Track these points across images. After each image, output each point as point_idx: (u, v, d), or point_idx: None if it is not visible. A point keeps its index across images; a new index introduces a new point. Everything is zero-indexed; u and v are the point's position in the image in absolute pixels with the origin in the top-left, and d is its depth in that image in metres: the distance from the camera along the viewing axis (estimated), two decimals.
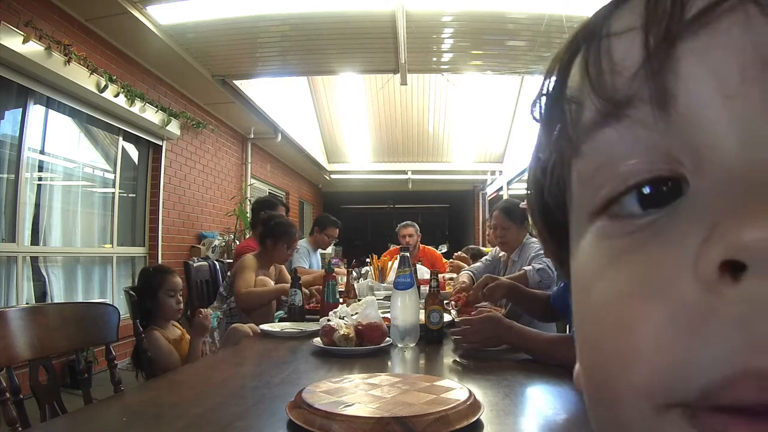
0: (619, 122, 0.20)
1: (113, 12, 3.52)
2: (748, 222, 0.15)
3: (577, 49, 0.23)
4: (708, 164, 0.18)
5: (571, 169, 0.23)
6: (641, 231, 0.19)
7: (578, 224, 0.23)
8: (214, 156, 6.06)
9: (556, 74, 0.24)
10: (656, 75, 0.19)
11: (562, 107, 0.23)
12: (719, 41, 0.18)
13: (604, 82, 0.20)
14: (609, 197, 0.20)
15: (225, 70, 4.86)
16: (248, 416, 0.92)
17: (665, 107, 0.19)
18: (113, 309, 1.52)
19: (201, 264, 3.07)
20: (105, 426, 0.93)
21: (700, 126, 0.18)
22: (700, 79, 0.18)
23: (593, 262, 0.21)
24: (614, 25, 0.21)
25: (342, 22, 3.97)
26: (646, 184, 0.20)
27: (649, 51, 0.19)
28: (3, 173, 3.29)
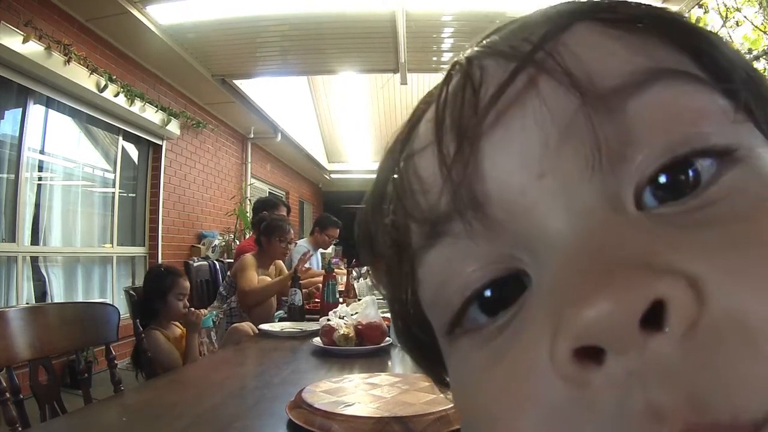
0: (443, 239, 0.19)
1: (113, 12, 3.52)
2: (586, 303, 0.14)
3: (386, 180, 0.22)
4: (541, 252, 0.17)
5: (418, 296, 0.22)
6: (496, 338, 0.18)
7: (442, 344, 0.21)
8: (214, 156, 6.06)
9: (373, 204, 0.23)
10: (463, 183, 0.18)
11: (388, 241, 0.22)
12: (516, 125, 0.18)
13: (417, 204, 0.20)
14: (454, 313, 0.19)
15: (225, 70, 4.86)
16: (248, 416, 0.92)
17: (483, 210, 0.18)
18: (113, 309, 1.52)
19: (201, 264, 3.07)
20: (105, 426, 0.93)
21: (523, 215, 0.17)
22: (507, 169, 0.18)
23: (463, 381, 0.20)
24: (415, 144, 0.21)
25: (342, 22, 3.97)
26: (486, 289, 0.19)
27: (448, 162, 0.18)
28: (3, 173, 3.29)
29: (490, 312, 0.19)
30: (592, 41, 0.18)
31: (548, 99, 0.17)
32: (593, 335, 0.14)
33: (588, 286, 0.14)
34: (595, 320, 0.14)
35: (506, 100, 0.18)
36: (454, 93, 0.19)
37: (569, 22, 0.19)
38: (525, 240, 0.17)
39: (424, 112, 0.22)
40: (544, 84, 0.18)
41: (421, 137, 0.21)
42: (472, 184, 0.18)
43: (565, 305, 0.14)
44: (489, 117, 0.18)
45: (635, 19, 0.19)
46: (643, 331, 0.14)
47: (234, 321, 2.43)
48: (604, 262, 0.15)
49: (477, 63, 0.19)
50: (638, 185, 0.17)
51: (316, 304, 2.39)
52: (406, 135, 0.22)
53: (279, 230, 2.71)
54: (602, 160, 0.17)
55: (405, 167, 0.21)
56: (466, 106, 0.18)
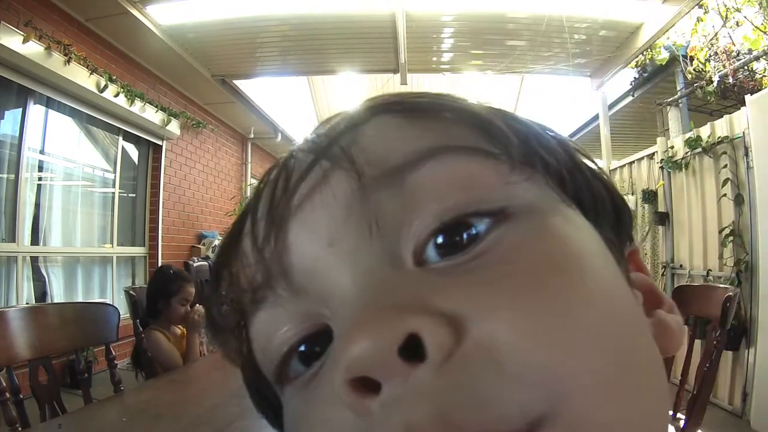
0: (263, 304, 0.23)
1: (113, 12, 3.52)
2: (350, 341, 0.16)
3: (220, 269, 0.25)
4: (336, 306, 0.20)
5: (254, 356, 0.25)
6: (308, 384, 0.21)
7: (281, 396, 0.24)
8: (214, 156, 6.06)
9: (211, 286, 0.26)
10: (272, 258, 0.22)
11: (223, 310, 0.25)
12: (311, 206, 0.21)
13: (241, 277, 0.23)
14: (276, 366, 0.23)
15: (225, 70, 4.86)
16: (248, 416, 0.92)
17: (290, 278, 0.21)
18: (113, 309, 1.52)
19: (201, 264, 3.07)
20: (105, 426, 0.93)
21: (318, 278, 0.21)
22: (304, 241, 0.21)
23: (288, 422, 0.23)
24: (235, 233, 0.25)
25: (342, 22, 3.97)
26: (301, 344, 0.22)
27: (259, 243, 0.22)
28: (3, 173, 3.29)
29: (307, 363, 0.22)
30: (385, 131, 0.22)
31: (334, 184, 0.21)
32: (359, 367, 0.16)
33: (354, 328, 0.17)
34: (358, 354, 0.16)
35: (306, 186, 0.22)
36: (273, 180, 0.24)
37: (369, 116, 0.23)
38: (323, 298, 0.20)
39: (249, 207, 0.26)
40: (332, 172, 0.21)
41: (239, 227, 0.25)
42: (280, 257, 0.22)
43: (341, 346, 0.17)
44: (293, 200, 0.22)
45: (436, 109, 0.23)
46: (405, 362, 0.16)
47: None
48: (373, 308, 0.17)
49: (294, 155, 0.24)
50: (416, 246, 0.20)
51: None
52: (241, 220, 0.25)
53: None
54: (379, 228, 0.20)
55: (229, 250, 0.24)
56: (279, 190, 0.22)
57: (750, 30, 4.06)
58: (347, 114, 0.24)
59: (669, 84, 4.92)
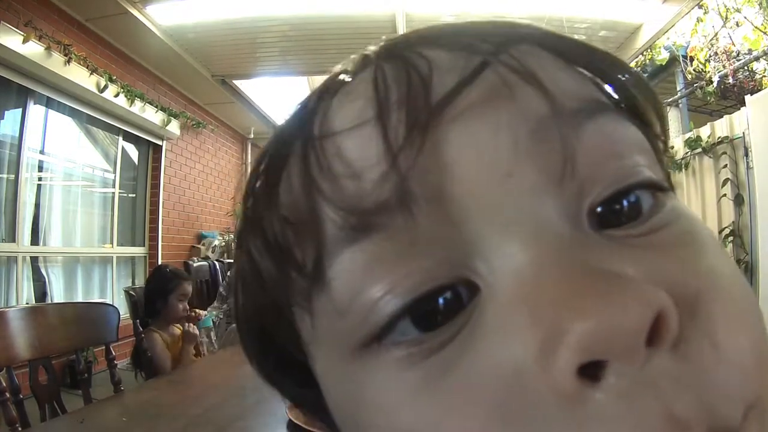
0: (372, 235, 0.16)
1: (113, 12, 3.52)
2: (590, 312, 0.13)
3: (286, 151, 0.19)
4: (503, 260, 0.15)
5: (312, 300, 0.18)
6: (437, 352, 0.15)
7: (335, 363, 0.18)
8: (214, 156, 6.06)
9: (265, 189, 0.19)
10: (412, 169, 0.16)
11: (283, 228, 0.18)
12: (486, 118, 0.16)
13: (341, 190, 0.16)
14: (379, 326, 0.16)
15: (225, 70, 4.86)
16: (248, 416, 0.92)
17: (432, 206, 0.16)
18: (113, 309, 1.52)
19: (201, 264, 3.07)
20: (105, 426, 0.93)
21: (483, 215, 0.16)
22: (472, 163, 0.16)
23: (381, 403, 0.16)
24: (336, 120, 0.18)
25: (342, 22, 3.97)
26: (424, 299, 0.16)
27: (396, 142, 0.16)
28: (3, 173, 3.29)
29: (424, 326, 0.16)
30: (544, 61, 0.18)
31: (520, 99, 0.16)
32: (602, 347, 0.13)
33: (590, 295, 0.13)
34: (605, 330, 0.13)
35: (472, 92, 0.16)
36: (395, 77, 0.17)
37: (521, 38, 0.19)
38: (479, 244, 0.16)
39: (335, 84, 0.19)
40: (515, 84, 0.16)
41: (347, 114, 0.17)
42: (424, 174, 0.16)
43: (562, 316, 0.13)
44: (450, 107, 0.16)
45: (582, 57, 0.19)
46: (647, 347, 0.13)
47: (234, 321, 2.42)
48: (598, 272, 0.14)
49: (417, 54, 0.18)
50: (591, 205, 0.16)
51: None
52: (311, 112, 0.19)
53: None
54: (567, 173, 0.16)
55: (321, 146, 0.17)
56: (415, 92, 0.16)
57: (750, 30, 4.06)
58: (485, 25, 0.20)
59: (669, 84, 4.92)
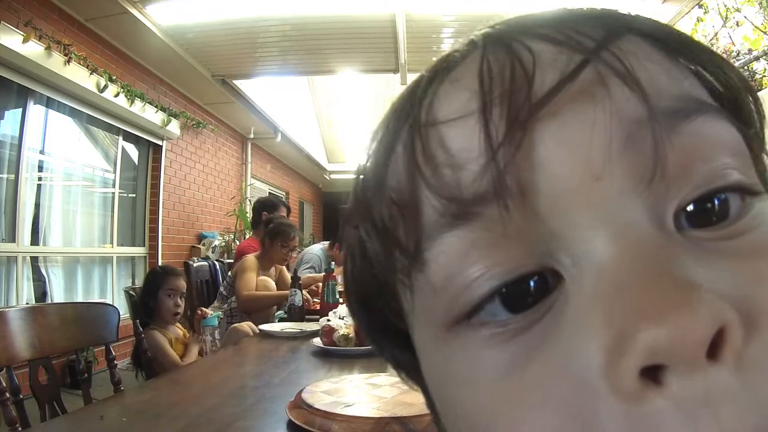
0: (470, 223, 0.17)
1: (113, 12, 3.52)
2: (658, 319, 0.13)
3: (395, 135, 0.20)
4: (587, 257, 0.16)
5: (412, 277, 0.19)
6: (521, 336, 0.17)
7: (430, 335, 0.19)
8: (214, 156, 6.06)
9: (374, 171, 0.21)
10: (510, 164, 0.17)
11: (389, 210, 0.19)
12: (581, 118, 0.17)
13: (442, 178, 0.18)
14: (471, 305, 0.17)
15: (225, 70, 4.86)
16: (248, 416, 0.92)
17: (525, 200, 0.17)
18: (113, 309, 1.52)
19: (201, 264, 3.07)
20: (105, 426, 0.93)
21: (570, 215, 0.16)
22: (565, 164, 0.17)
23: (469, 379, 0.18)
24: (443, 108, 0.19)
25: (342, 23, 3.97)
26: (511, 285, 0.17)
27: (496, 138, 0.17)
28: (3, 173, 3.29)
29: (513, 308, 0.17)
30: (644, 56, 0.18)
31: (617, 100, 0.17)
32: (666, 355, 0.13)
33: (661, 302, 0.14)
34: (671, 339, 0.13)
35: (571, 90, 0.17)
36: (500, 70, 0.18)
37: (623, 30, 0.18)
38: (566, 239, 0.16)
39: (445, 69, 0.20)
40: (613, 83, 0.17)
41: (453, 104, 0.18)
42: (519, 170, 0.17)
43: (632, 320, 0.14)
44: (549, 104, 0.17)
45: (684, 49, 0.19)
46: (708, 358, 0.14)
47: (234, 321, 2.43)
48: (672, 280, 0.14)
49: (522, 45, 0.18)
50: (678, 206, 0.17)
51: (315, 304, 2.39)
52: (421, 95, 0.20)
53: (282, 235, 2.69)
54: (657, 176, 0.16)
55: (427, 134, 0.18)
56: (518, 87, 0.17)
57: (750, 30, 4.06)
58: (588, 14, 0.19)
59: None
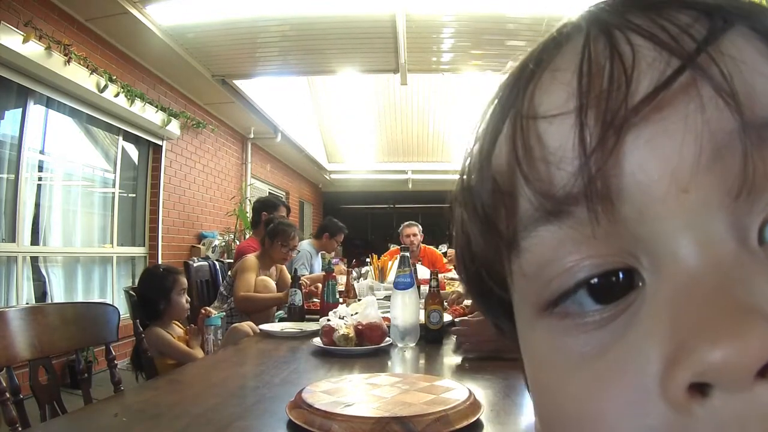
0: (561, 220, 0.18)
1: (113, 12, 3.52)
2: (713, 341, 0.14)
3: (500, 123, 0.21)
4: (666, 266, 0.17)
5: (510, 261, 0.20)
6: (598, 330, 0.18)
7: (525, 315, 0.21)
8: (214, 156, 6.06)
9: (478, 156, 0.21)
10: (601, 170, 0.17)
11: (490, 197, 0.20)
12: (672, 128, 0.17)
13: (539, 174, 0.18)
14: (558, 294, 0.19)
15: (225, 70, 4.86)
16: (248, 416, 0.92)
17: (613, 205, 0.17)
18: (113, 309, 1.52)
19: (201, 264, 3.07)
20: (105, 426, 0.93)
21: (655, 225, 0.17)
22: (653, 173, 0.17)
23: (551, 362, 0.19)
24: (543, 103, 0.19)
25: (342, 23, 3.97)
26: (598, 277, 0.18)
27: (590, 142, 0.17)
28: (3, 173, 3.29)
29: (598, 299, 0.18)
30: (747, 54, 0.17)
31: (709, 112, 0.16)
32: (714, 375, 0.14)
33: (720, 325, 0.14)
34: (721, 363, 0.14)
35: (665, 97, 0.17)
36: (598, 66, 0.18)
37: (730, 22, 0.18)
38: (649, 246, 0.17)
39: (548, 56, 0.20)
40: (706, 93, 0.16)
41: (552, 99, 0.19)
42: (609, 176, 0.17)
43: (692, 336, 0.15)
44: (644, 108, 0.17)
45: None
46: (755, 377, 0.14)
47: (234, 321, 2.43)
48: (735, 303, 0.15)
49: (624, 37, 0.18)
50: (764, 221, 0.16)
51: (316, 304, 2.39)
52: (527, 80, 0.20)
53: (282, 235, 2.70)
54: (745, 190, 0.16)
55: (527, 126, 0.19)
56: (615, 88, 0.17)
57: None
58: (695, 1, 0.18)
59: None
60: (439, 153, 10.08)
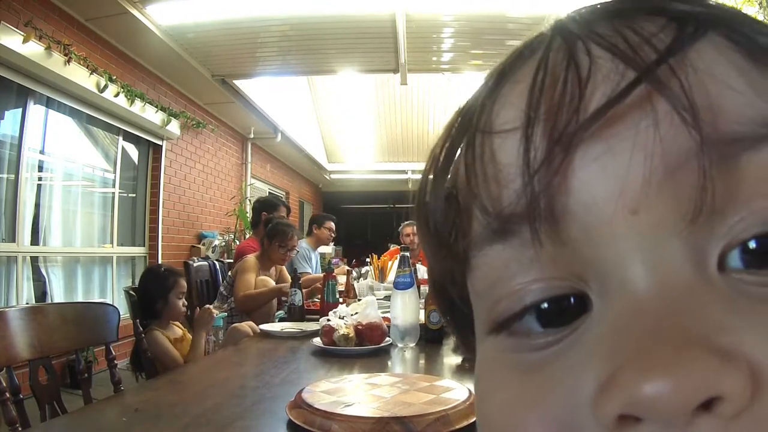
0: (507, 240, 0.18)
1: (113, 12, 3.52)
2: (644, 373, 0.13)
3: (459, 138, 0.20)
4: (613, 291, 0.16)
5: (465, 277, 0.20)
6: (541, 350, 0.17)
7: (478, 331, 0.21)
8: (214, 156, 6.06)
9: (434, 172, 0.21)
10: (546, 189, 0.16)
11: (442, 215, 0.20)
12: (621, 145, 0.16)
13: (488, 191, 0.18)
14: (505, 316, 0.18)
15: (225, 70, 4.86)
16: (248, 416, 0.92)
17: (559, 226, 0.16)
18: (113, 309, 1.52)
19: (201, 264, 3.07)
20: (105, 426, 0.93)
21: (602, 248, 0.16)
22: (600, 193, 0.16)
23: (490, 376, 0.19)
24: (496, 118, 0.18)
25: (342, 22, 3.97)
26: (546, 302, 0.18)
27: (534, 159, 0.16)
28: (3, 173, 3.29)
29: (543, 324, 0.18)
30: (717, 66, 0.16)
31: (663, 129, 0.15)
32: (642, 410, 0.13)
33: (656, 355, 0.13)
34: (650, 398, 0.13)
35: (615, 113, 0.16)
36: (553, 77, 0.17)
37: (701, 31, 0.16)
38: (597, 269, 0.16)
39: (511, 68, 0.19)
40: (662, 108, 0.15)
41: (507, 113, 0.18)
42: (554, 195, 0.16)
43: (626, 364, 0.14)
44: (594, 124, 0.16)
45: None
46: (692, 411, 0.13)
47: (234, 321, 2.43)
48: (679, 332, 0.14)
49: (584, 48, 0.17)
50: (726, 245, 0.15)
51: (317, 303, 2.39)
52: (488, 94, 0.19)
53: (280, 235, 2.70)
54: (704, 212, 0.15)
55: (481, 142, 0.18)
56: (566, 103, 0.16)
57: None
58: (666, 5, 0.17)
59: None
60: None
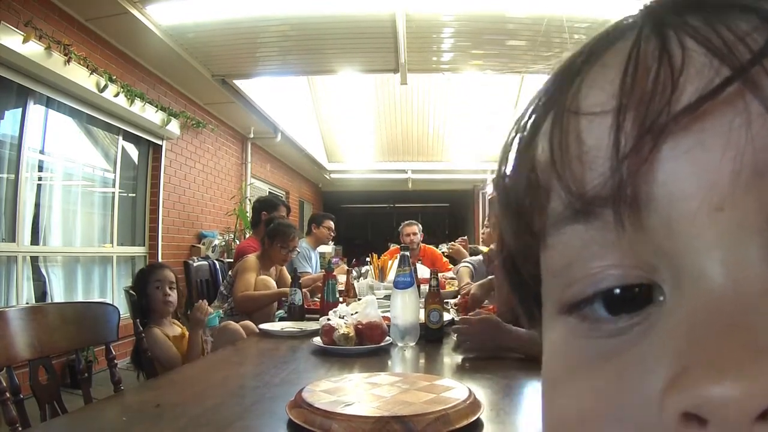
0: (589, 221, 0.18)
1: (113, 12, 3.52)
2: (717, 376, 0.13)
3: (542, 116, 0.20)
4: (688, 285, 0.16)
5: (539, 255, 0.21)
6: (612, 337, 0.18)
7: (548, 311, 0.21)
8: (214, 156, 6.06)
9: (517, 147, 0.21)
10: (633, 175, 0.16)
11: (523, 190, 0.20)
12: (713, 141, 0.16)
13: (572, 172, 0.18)
14: (578, 298, 0.19)
15: (225, 70, 4.86)
16: (248, 416, 0.92)
17: (641, 214, 0.17)
18: (113, 308, 1.52)
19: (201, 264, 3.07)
20: (105, 426, 0.93)
21: (682, 241, 0.16)
22: (687, 186, 0.16)
23: (561, 360, 0.20)
24: (584, 100, 0.19)
25: (342, 22, 3.97)
26: (618, 288, 0.18)
27: (624, 145, 0.17)
28: (3, 173, 3.29)
29: (613, 310, 0.18)
30: None
31: (755, 129, 0.15)
32: (710, 411, 0.13)
33: (729, 359, 0.14)
34: (720, 400, 0.13)
35: (707, 109, 0.16)
36: (645, 66, 0.17)
37: None
38: (674, 261, 0.16)
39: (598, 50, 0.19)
40: (755, 108, 0.15)
41: (597, 96, 0.18)
42: (640, 183, 0.16)
43: (698, 363, 0.14)
44: (686, 117, 0.16)
45: None
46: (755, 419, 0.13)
47: (234, 320, 2.43)
48: (751, 337, 0.14)
49: (677, 39, 0.17)
50: None
51: (317, 303, 2.39)
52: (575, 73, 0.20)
53: (281, 236, 2.69)
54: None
55: (567, 121, 0.19)
56: (659, 92, 0.16)
57: None
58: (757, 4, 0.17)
59: None
60: (439, 152, 10.08)
